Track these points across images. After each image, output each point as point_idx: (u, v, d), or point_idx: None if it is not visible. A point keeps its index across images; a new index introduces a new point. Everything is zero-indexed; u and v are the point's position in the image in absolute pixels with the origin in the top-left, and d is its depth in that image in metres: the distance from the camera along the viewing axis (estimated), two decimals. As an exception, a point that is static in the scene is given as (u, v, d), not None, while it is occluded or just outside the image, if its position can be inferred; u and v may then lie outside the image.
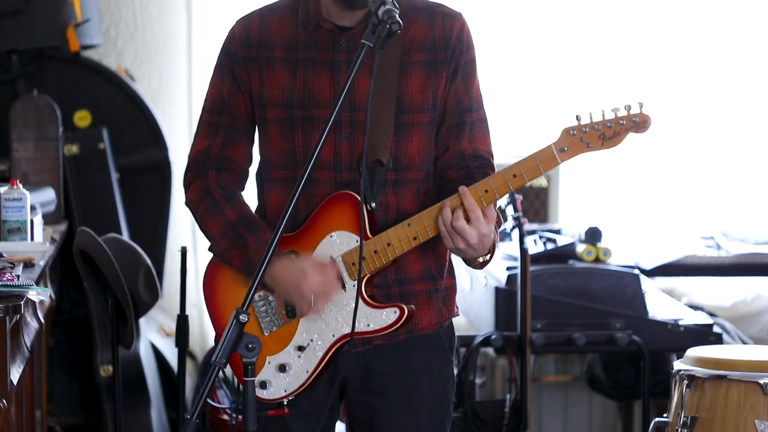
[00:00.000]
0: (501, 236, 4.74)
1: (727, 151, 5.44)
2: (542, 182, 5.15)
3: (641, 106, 2.55)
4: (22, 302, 2.70)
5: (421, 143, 2.67)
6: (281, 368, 2.63)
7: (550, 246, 4.41)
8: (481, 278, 4.39)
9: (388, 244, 2.59)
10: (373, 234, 2.60)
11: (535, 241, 4.46)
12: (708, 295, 4.72)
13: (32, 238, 3.52)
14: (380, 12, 2.42)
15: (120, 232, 4.55)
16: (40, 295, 2.87)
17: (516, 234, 4.03)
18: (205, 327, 5.15)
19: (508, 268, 4.19)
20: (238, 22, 2.72)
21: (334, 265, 2.60)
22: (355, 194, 2.59)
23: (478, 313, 4.47)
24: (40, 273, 3.25)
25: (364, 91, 2.58)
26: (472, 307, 4.56)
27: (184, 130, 5.24)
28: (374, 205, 2.62)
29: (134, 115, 4.80)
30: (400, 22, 2.42)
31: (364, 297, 2.60)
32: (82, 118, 4.73)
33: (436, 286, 2.73)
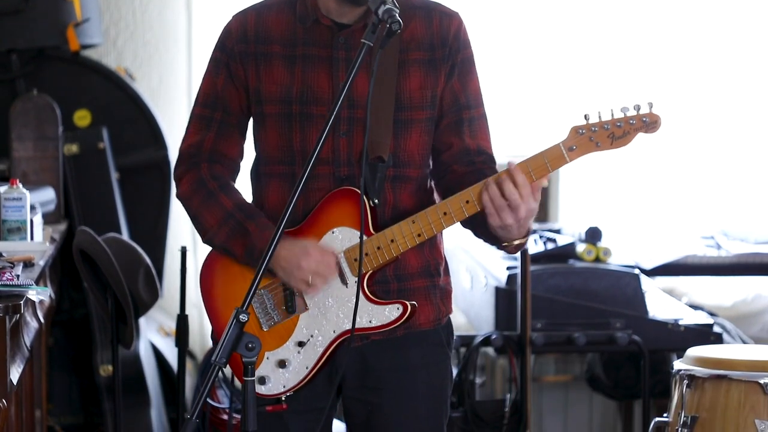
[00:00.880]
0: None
1: (727, 151, 5.43)
2: (542, 182, 5.14)
3: (651, 106, 2.53)
4: (21, 302, 2.70)
5: (420, 140, 2.67)
6: (280, 364, 2.63)
7: (550, 246, 4.41)
8: (482, 278, 4.39)
9: (392, 241, 2.58)
10: (374, 230, 2.60)
11: (535, 240, 4.45)
12: (708, 295, 4.71)
13: (32, 238, 3.52)
14: (380, 11, 2.42)
15: (120, 232, 4.55)
16: (39, 294, 2.87)
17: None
18: (205, 327, 5.15)
19: (508, 268, 4.19)
20: (235, 17, 2.71)
21: (334, 250, 2.59)
22: (358, 190, 2.59)
23: (478, 313, 4.46)
24: (40, 273, 3.25)
25: (362, 88, 2.58)
26: (472, 306, 4.55)
27: (183, 130, 5.21)
28: (377, 201, 2.62)
29: (134, 115, 4.80)
30: (401, 21, 2.42)
31: (366, 293, 2.60)
32: (82, 118, 4.73)
33: (434, 282, 2.73)
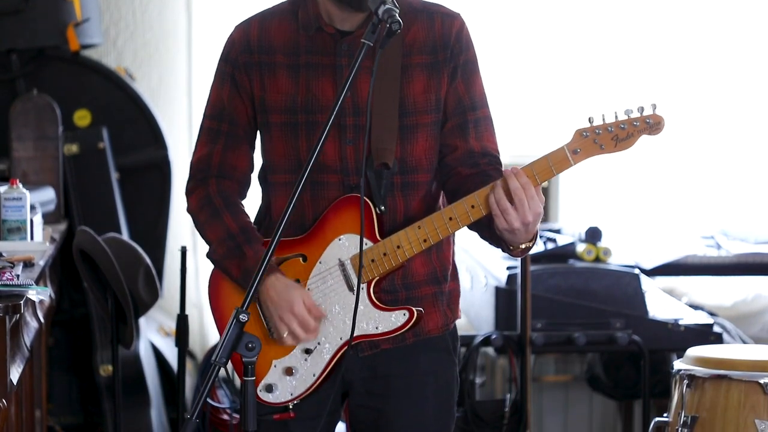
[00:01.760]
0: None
1: (727, 151, 5.43)
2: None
3: (654, 107, 2.53)
4: (21, 302, 2.70)
5: (426, 145, 2.66)
6: (287, 371, 2.62)
7: (550, 245, 4.41)
8: (482, 278, 4.38)
9: (398, 247, 2.57)
10: (381, 236, 2.59)
11: (535, 240, 4.45)
12: (708, 295, 4.71)
13: (32, 238, 3.52)
14: (380, 11, 2.41)
15: (120, 232, 4.55)
16: (39, 294, 2.87)
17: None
18: (205, 327, 5.15)
19: (508, 268, 4.19)
20: (237, 27, 2.69)
21: (322, 314, 2.58)
22: (364, 197, 2.57)
23: (478, 313, 4.46)
24: (40, 272, 3.25)
25: (366, 93, 2.56)
26: (472, 306, 4.55)
27: (184, 130, 5.23)
28: (383, 208, 2.60)
29: (134, 115, 4.79)
30: (401, 21, 2.40)
31: (373, 299, 2.60)
32: (82, 118, 4.73)
33: (441, 289, 2.73)
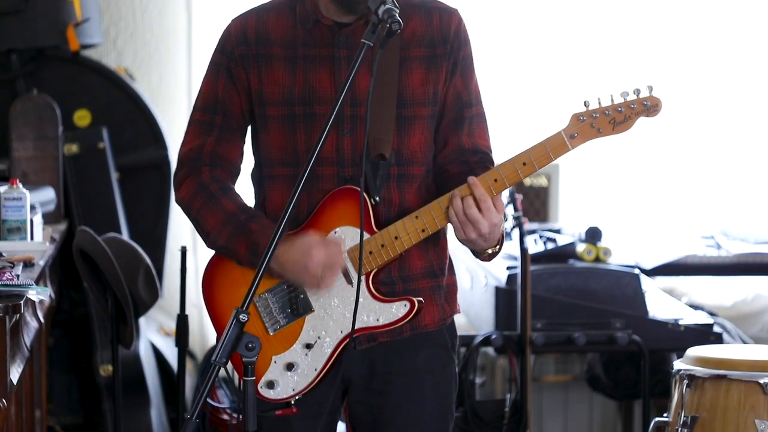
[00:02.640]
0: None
1: (727, 151, 5.43)
2: (542, 182, 5.15)
3: (651, 89, 2.52)
4: (21, 302, 2.70)
5: (422, 138, 2.67)
6: (288, 367, 2.62)
7: (550, 245, 4.41)
8: (482, 278, 4.38)
9: (396, 238, 2.58)
10: (377, 228, 2.59)
11: (535, 240, 4.45)
12: (708, 295, 4.72)
13: (32, 238, 3.52)
14: (380, 11, 2.42)
15: (120, 232, 4.55)
16: (39, 294, 2.87)
17: (516, 233, 4.02)
18: (205, 327, 5.15)
19: (509, 268, 4.19)
20: (234, 20, 2.71)
21: (337, 240, 2.58)
22: (358, 188, 2.58)
23: (478, 313, 4.46)
24: (40, 272, 3.25)
25: (364, 86, 2.58)
26: (472, 306, 4.55)
27: (183, 130, 5.21)
28: (378, 199, 2.61)
29: (134, 115, 4.80)
30: (401, 21, 2.42)
31: (372, 292, 2.60)
32: (82, 118, 4.73)
33: (438, 282, 2.73)
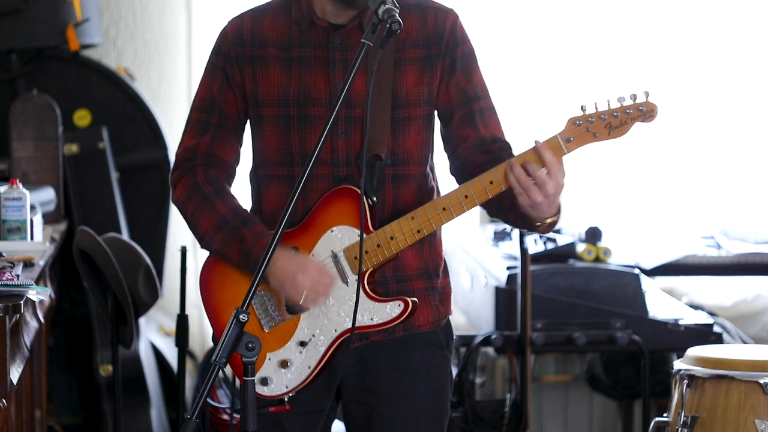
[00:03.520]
0: (501, 236, 4.74)
1: (727, 151, 5.43)
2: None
3: (647, 95, 2.54)
4: (21, 302, 2.70)
5: (418, 138, 2.68)
6: (282, 364, 2.63)
7: (550, 245, 4.41)
8: (482, 278, 4.38)
9: (392, 238, 2.58)
10: (373, 228, 2.60)
11: (535, 240, 4.45)
12: (708, 295, 4.72)
13: (32, 238, 3.52)
14: (380, 11, 2.42)
15: (120, 232, 4.55)
16: (39, 294, 2.87)
17: (516, 233, 4.03)
18: (205, 327, 5.14)
19: (508, 268, 4.19)
20: (231, 21, 2.73)
21: (331, 277, 2.59)
22: (356, 188, 2.59)
23: (478, 313, 4.46)
24: (40, 272, 3.25)
25: (360, 87, 2.59)
26: (472, 306, 4.55)
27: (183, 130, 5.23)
28: (375, 199, 2.62)
29: (134, 115, 4.80)
30: (401, 21, 2.42)
31: (367, 291, 2.60)
32: (82, 118, 4.73)
33: (432, 284, 2.73)
